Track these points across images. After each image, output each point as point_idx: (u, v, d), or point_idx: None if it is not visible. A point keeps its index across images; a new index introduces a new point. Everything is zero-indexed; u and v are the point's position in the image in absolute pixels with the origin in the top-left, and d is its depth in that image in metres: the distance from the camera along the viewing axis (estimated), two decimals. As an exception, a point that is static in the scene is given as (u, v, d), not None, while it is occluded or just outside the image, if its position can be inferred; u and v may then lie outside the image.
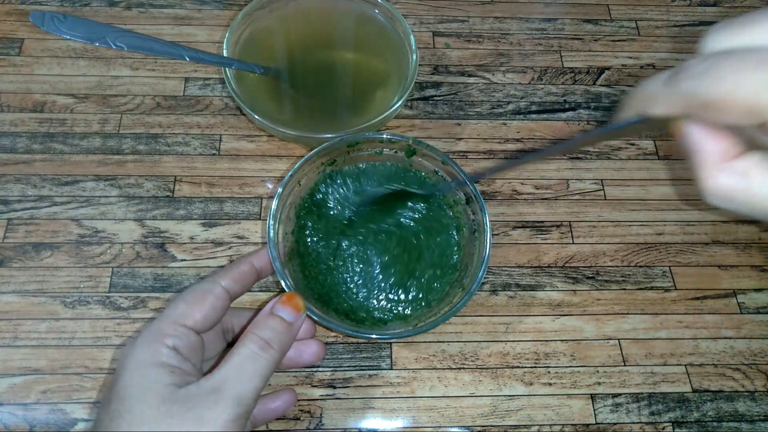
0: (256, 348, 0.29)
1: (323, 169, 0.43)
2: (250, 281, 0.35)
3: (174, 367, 0.28)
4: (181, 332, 0.30)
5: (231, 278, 0.33)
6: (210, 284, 0.32)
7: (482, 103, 0.51)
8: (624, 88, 0.53)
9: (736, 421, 0.40)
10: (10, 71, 0.50)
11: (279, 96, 0.48)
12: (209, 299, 0.31)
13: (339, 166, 0.43)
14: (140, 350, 0.29)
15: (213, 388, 0.28)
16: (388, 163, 0.44)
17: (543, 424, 0.39)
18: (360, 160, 0.44)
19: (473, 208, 0.41)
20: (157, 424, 0.26)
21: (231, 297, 0.33)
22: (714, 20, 0.58)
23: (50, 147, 0.47)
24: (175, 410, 0.27)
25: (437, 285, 0.41)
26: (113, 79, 0.50)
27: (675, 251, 0.46)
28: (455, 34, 0.55)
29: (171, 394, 0.27)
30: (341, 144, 0.41)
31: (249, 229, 0.45)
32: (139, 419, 0.27)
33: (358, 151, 0.43)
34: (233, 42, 0.47)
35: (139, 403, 0.27)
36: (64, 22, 0.48)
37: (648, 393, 0.41)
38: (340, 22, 0.51)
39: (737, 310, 0.44)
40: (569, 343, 0.42)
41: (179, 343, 0.29)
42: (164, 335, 0.29)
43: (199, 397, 0.27)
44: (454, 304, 0.37)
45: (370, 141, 0.42)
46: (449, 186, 0.42)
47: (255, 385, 0.28)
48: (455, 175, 0.41)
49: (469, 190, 0.41)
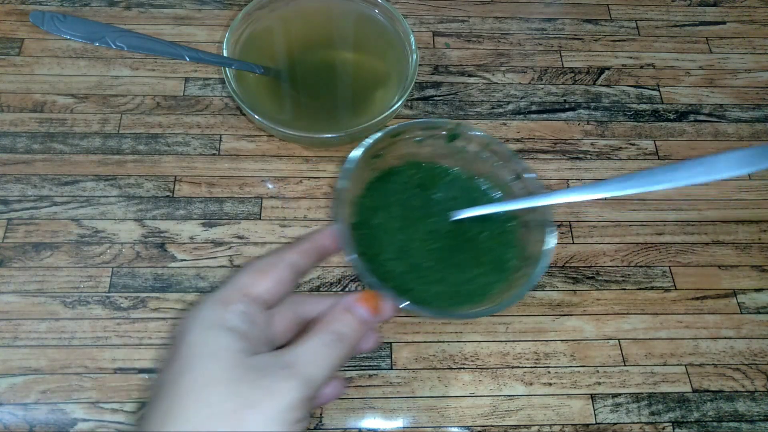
0: (331, 338, 0.29)
1: (373, 164, 0.42)
2: (315, 258, 0.33)
3: (243, 333, 0.27)
4: (246, 300, 0.28)
5: (295, 252, 0.32)
6: (274, 257, 0.31)
7: (482, 103, 0.51)
8: (624, 88, 0.53)
9: (736, 421, 0.40)
10: (10, 71, 0.50)
11: (279, 96, 0.48)
12: (273, 271, 0.30)
13: (386, 160, 0.43)
14: (206, 313, 0.27)
15: (286, 363, 0.26)
16: (452, 169, 0.44)
17: (543, 424, 0.39)
18: (402, 150, 0.43)
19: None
20: (226, 386, 0.25)
21: (295, 271, 0.31)
22: (714, 20, 0.58)
23: (50, 147, 0.47)
24: (245, 376, 0.25)
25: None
26: (113, 79, 0.50)
27: (675, 251, 0.46)
28: (455, 34, 0.55)
29: (241, 360, 0.26)
30: (385, 136, 0.41)
31: (249, 229, 0.45)
32: (207, 378, 0.25)
33: (400, 141, 0.43)
34: (233, 42, 0.47)
35: (207, 363, 0.26)
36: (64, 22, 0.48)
37: (648, 393, 0.41)
38: (340, 22, 0.51)
39: (737, 310, 0.44)
40: (569, 343, 0.42)
41: (246, 310, 0.28)
42: (229, 301, 0.28)
43: (270, 368, 0.26)
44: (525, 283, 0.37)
45: (413, 128, 0.41)
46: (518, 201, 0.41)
47: (325, 373, 0.27)
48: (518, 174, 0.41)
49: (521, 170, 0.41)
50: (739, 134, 0.52)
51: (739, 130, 0.52)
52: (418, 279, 0.40)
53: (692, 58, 0.56)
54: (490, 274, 0.41)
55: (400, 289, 0.38)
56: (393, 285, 0.39)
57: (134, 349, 0.40)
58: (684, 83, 0.54)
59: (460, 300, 0.40)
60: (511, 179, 0.42)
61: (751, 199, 0.49)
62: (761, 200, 0.49)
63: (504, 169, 0.43)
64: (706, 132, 0.52)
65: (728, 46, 0.56)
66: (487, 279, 0.41)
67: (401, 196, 0.43)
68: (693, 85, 0.54)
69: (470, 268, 0.41)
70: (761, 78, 0.55)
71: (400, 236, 0.41)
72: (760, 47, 0.57)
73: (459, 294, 0.40)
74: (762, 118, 0.53)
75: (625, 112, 0.52)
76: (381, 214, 0.41)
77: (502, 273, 0.41)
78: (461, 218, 0.42)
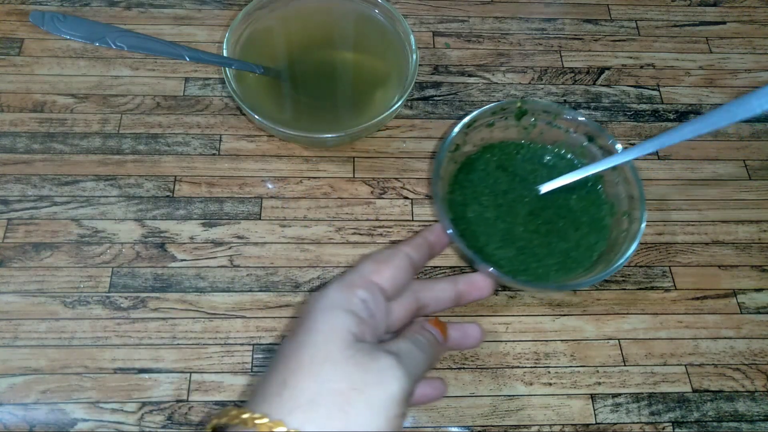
0: (427, 339, 0.30)
1: (453, 157, 0.43)
2: (427, 253, 0.36)
3: (361, 318, 0.28)
4: (370, 286, 0.30)
5: (410, 246, 0.34)
6: (393, 249, 0.33)
7: (482, 103, 0.51)
8: (624, 88, 0.53)
9: (736, 421, 0.40)
10: (10, 71, 0.50)
11: (279, 96, 0.48)
12: (393, 260, 0.32)
13: (463, 151, 0.44)
14: (333, 294, 0.29)
15: (391, 352, 0.28)
16: (523, 143, 0.46)
17: (543, 424, 0.39)
18: (476, 137, 0.45)
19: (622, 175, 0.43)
20: (340, 365, 0.26)
21: (411, 263, 0.33)
22: (714, 20, 0.58)
23: (50, 147, 0.47)
24: (358, 358, 0.26)
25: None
26: (113, 79, 0.50)
27: (675, 251, 0.46)
28: (455, 34, 0.55)
29: (354, 343, 0.27)
30: (461, 128, 0.42)
31: (249, 229, 0.45)
32: (323, 354, 0.26)
33: (473, 129, 0.43)
34: (233, 42, 0.47)
35: (324, 340, 0.27)
36: (64, 22, 0.48)
37: (648, 393, 0.41)
38: (340, 22, 0.51)
39: (737, 310, 0.44)
40: (569, 343, 0.42)
41: (368, 297, 0.30)
42: (356, 286, 0.30)
43: (378, 354, 0.27)
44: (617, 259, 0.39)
45: (483, 114, 0.43)
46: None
47: (421, 369, 0.29)
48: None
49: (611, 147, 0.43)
50: (739, 134, 0.52)
51: (739, 130, 0.52)
52: (529, 258, 0.42)
53: (692, 58, 0.56)
54: (590, 235, 0.43)
55: (515, 272, 0.41)
56: (507, 271, 0.40)
57: (134, 349, 0.40)
58: (684, 83, 0.54)
59: (571, 267, 0.42)
60: (586, 142, 0.43)
61: (751, 199, 0.49)
62: (761, 200, 0.49)
63: (576, 133, 0.44)
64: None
65: (728, 46, 0.56)
66: (588, 240, 0.43)
67: (486, 183, 0.45)
68: (693, 85, 0.54)
69: (571, 234, 0.43)
70: (761, 78, 0.55)
71: (501, 225, 0.43)
72: (760, 47, 0.57)
73: (568, 261, 0.42)
74: (762, 118, 0.53)
75: (625, 112, 0.52)
76: (474, 207, 0.43)
77: (600, 232, 0.43)
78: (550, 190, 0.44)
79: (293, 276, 0.43)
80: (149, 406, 0.38)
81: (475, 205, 0.43)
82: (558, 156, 0.46)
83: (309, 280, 0.43)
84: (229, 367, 0.40)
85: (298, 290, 0.43)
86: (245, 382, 0.39)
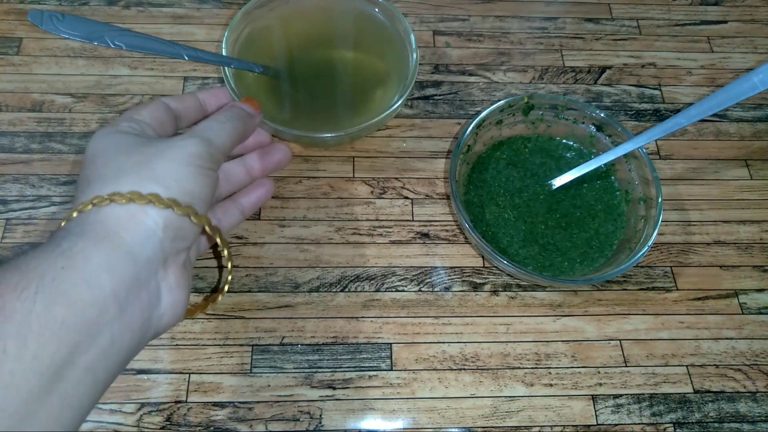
0: (225, 116, 0.35)
1: (464, 158, 0.44)
2: (194, 106, 0.39)
3: (137, 132, 0.32)
4: (128, 119, 0.33)
5: (170, 97, 0.38)
6: (153, 100, 0.37)
7: (483, 103, 0.51)
8: (625, 88, 0.53)
9: (737, 421, 0.40)
10: (8, 70, 0.50)
11: (278, 95, 0.48)
12: (149, 104, 0.36)
13: (473, 151, 0.45)
14: (101, 130, 0.32)
15: (187, 133, 0.32)
16: (530, 136, 0.47)
17: (544, 426, 0.39)
18: (485, 136, 0.45)
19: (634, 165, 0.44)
20: (133, 149, 0.30)
21: (170, 108, 0.36)
22: (716, 19, 0.58)
23: (49, 146, 0.47)
24: (151, 142, 0.31)
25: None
26: (112, 78, 0.50)
27: (676, 251, 0.46)
28: (456, 33, 0.55)
29: (143, 142, 0.31)
30: (472, 130, 0.43)
31: (248, 229, 0.44)
32: (113, 163, 0.30)
33: (482, 128, 0.44)
34: (232, 41, 0.47)
35: (111, 153, 0.30)
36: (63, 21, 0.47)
37: (649, 394, 0.40)
38: (340, 20, 0.51)
39: (739, 310, 0.44)
40: (570, 344, 0.42)
41: (132, 124, 0.33)
42: (119, 122, 0.33)
43: (174, 137, 0.32)
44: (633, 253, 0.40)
45: (492, 114, 0.44)
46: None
47: (224, 140, 0.34)
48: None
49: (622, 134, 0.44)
50: (740, 134, 0.51)
51: (740, 130, 0.52)
52: (553, 254, 0.43)
53: (694, 57, 0.55)
54: (607, 223, 0.44)
55: (541, 268, 0.42)
56: (533, 268, 0.42)
57: (133, 349, 0.40)
58: (685, 82, 0.54)
59: (594, 257, 0.43)
60: (594, 131, 0.44)
61: (753, 199, 0.48)
62: (763, 200, 0.48)
63: (584, 123, 0.45)
64: (708, 131, 0.52)
65: (730, 45, 0.56)
66: (606, 228, 0.44)
67: (499, 181, 0.45)
68: (694, 84, 0.54)
69: (589, 223, 0.44)
70: (763, 77, 0.54)
71: (522, 225, 0.44)
72: (761, 46, 0.56)
73: (590, 252, 0.43)
74: (764, 117, 0.52)
75: (627, 111, 0.52)
76: (491, 209, 0.44)
77: (617, 219, 0.44)
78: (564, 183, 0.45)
79: (292, 276, 0.43)
80: (148, 406, 0.38)
81: (492, 206, 0.44)
82: (566, 147, 0.46)
83: (308, 280, 0.43)
84: (228, 367, 0.40)
85: (297, 291, 0.43)
86: (245, 383, 0.39)
